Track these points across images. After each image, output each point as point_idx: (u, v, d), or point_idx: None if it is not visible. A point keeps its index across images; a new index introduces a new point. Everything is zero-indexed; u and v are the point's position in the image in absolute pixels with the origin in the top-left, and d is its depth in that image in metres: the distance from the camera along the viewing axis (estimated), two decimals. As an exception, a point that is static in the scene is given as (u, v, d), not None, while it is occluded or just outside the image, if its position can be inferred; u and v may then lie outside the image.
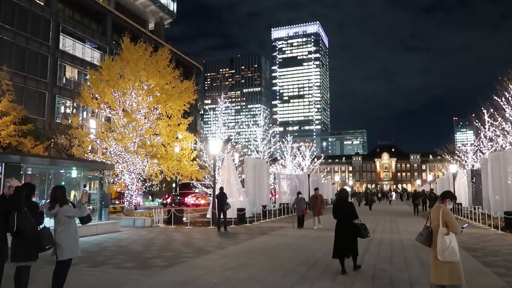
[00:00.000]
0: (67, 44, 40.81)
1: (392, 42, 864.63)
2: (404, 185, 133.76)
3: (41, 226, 5.65)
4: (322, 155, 68.84)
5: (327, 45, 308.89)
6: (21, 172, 12.91)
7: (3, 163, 12.04)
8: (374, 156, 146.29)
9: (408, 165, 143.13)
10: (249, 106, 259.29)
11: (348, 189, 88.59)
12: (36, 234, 5.53)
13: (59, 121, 32.95)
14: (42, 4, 38.53)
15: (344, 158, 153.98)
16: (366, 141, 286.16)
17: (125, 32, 22.94)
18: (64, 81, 40.25)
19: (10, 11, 34.04)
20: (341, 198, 8.33)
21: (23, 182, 12.25)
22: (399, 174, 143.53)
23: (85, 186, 14.98)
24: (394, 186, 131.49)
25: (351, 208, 7.94)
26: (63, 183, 15.17)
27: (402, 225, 18.61)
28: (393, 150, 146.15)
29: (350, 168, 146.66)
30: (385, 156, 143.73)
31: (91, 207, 14.93)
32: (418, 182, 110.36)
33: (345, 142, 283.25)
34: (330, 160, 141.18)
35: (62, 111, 39.46)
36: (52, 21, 38.35)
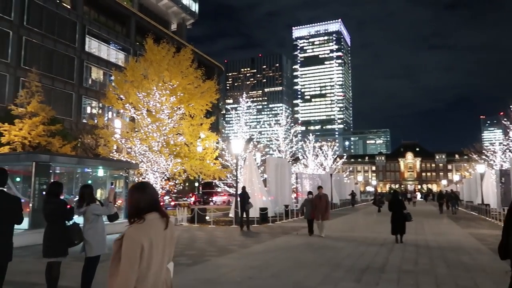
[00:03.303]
0: (93, 46, 41.78)
1: (414, 40, 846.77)
2: (429, 185, 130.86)
3: (70, 222, 5.82)
4: (345, 154, 68.09)
5: (349, 43, 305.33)
6: (50, 171, 13.32)
7: (34, 162, 12.45)
8: (398, 156, 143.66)
9: (433, 165, 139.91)
10: (270, 106, 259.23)
11: (372, 189, 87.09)
12: (65, 231, 5.71)
13: (85, 121, 33.78)
14: (68, 7, 39.58)
15: (367, 158, 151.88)
16: (390, 140, 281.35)
17: (148, 34, 23.32)
18: (90, 82, 41.22)
19: (38, 15, 35.11)
20: (395, 196, 13.34)
21: (51, 180, 12.65)
22: (423, 174, 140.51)
23: (112, 184, 15.32)
24: (419, 186, 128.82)
25: (402, 203, 12.71)
26: (90, 181, 15.56)
27: (427, 226, 18.23)
28: (417, 149, 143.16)
29: (373, 168, 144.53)
30: (409, 155, 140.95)
31: (118, 204, 15.24)
32: (444, 182, 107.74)
33: (368, 142, 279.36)
34: (352, 160, 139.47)
35: (88, 111, 40.42)
36: (78, 23, 39.33)
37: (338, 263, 8.78)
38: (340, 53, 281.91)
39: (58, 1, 38.97)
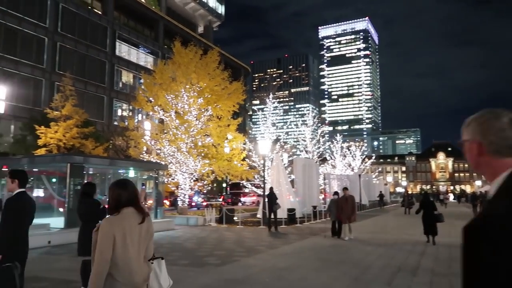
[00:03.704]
0: (123, 50, 42.88)
1: (444, 37, 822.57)
2: (463, 186, 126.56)
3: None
4: (373, 155, 66.88)
5: (376, 41, 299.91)
6: (84, 172, 13.76)
7: (68, 164, 12.90)
8: (429, 156, 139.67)
9: (466, 165, 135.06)
10: (297, 106, 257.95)
11: (402, 190, 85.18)
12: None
13: (116, 124, 34.71)
14: (99, 13, 40.80)
15: (396, 158, 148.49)
16: (420, 140, 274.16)
17: (176, 37, 23.70)
18: (120, 86, 42.33)
19: (71, 21, 36.36)
20: (426, 197, 13.36)
21: (85, 181, 13.07)
22: (456, 174, 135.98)
23: (143, 185, 15.66)
24: (452, 188, 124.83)
25: (433, 204, 12.80)
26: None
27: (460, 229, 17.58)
28: (449, 149, 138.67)
29: (403, 168, 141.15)
30: (441, 155, 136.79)
31: (148, 205, 15.58)
32: (478, 183, 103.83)
33: (397, 142, 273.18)
34: (381, 160, 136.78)
35: (119, 114, 41.49)
36: (109, 28, 40.47)
37: (367, 265, 8.63)
38: (367, 52, 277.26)
39: (89, 7, 40.28)
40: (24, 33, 32.06)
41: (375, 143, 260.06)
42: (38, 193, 16.64)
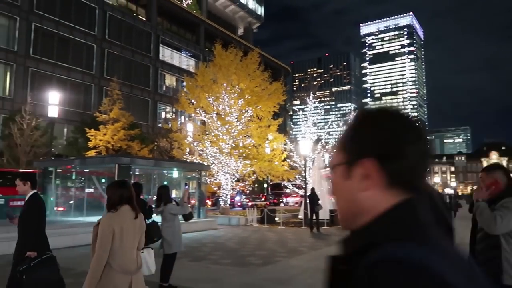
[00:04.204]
0: (166, 54, 44.15)
1: (495, 30, 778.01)
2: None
3: (149, 221, 6.20)
4: (419, 154, 64.30)
5: (421, 37, 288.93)
6: (131, 173, 14.31)
7: (116, 165, 13.46)
8: (480, 155, 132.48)
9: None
10: (338, 105, 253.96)
11: (451, 191, 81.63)
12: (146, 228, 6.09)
13: (160, 126, 35.79)
14: (144, 19, 42.29)
15: (445, 158, 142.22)
16: (470, 139, 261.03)
17: (216, 39, 24.09)
18: (164, 89, 43.61)
19: (117, 28, 37.94)
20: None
21: (132, 181, 13.57)
22: (511, 175, 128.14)
23: (186, 185, 16.04)
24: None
25: None
26: (165, 182, 16.44)
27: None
28: (503, 148, 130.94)
29: (452, 169, 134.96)
30: (494, 155, 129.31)
31: (192, 204, 15.93)
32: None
33: (445, 141, 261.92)
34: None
35: (163, 116, 42.75)
36: (152, 34, 41.82)
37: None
38: (412, 48, 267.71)
39: (134, 14, 41.87)
40: (75, 41, 33.85)
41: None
42: (89, 192, 17.48)
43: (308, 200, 16.87)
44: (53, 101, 16.71)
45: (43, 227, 4.63)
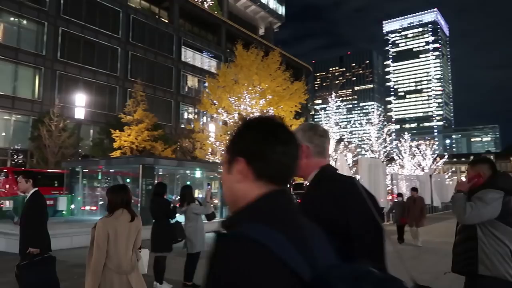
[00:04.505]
0: (188, 55, 44.64)
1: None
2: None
3: (173, 220, 6.28)
4: (446, 154, 62.87)
5: (447, 33, 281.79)
6: (155, 173, 14.53)
7: (141, 165, 13.70)
8: (510, 154, 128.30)
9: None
10: (361, 104, 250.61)
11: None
12: (169, 228, 6.17)
13: (183, 126, 36.21)
14: (166, 21, 42.90)
15: (472, 157, 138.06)
16: (499, 137, 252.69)
17: (237, 40, 24.19)
18: (186, 90, 44.10)
19: (141, 31, 38.62)
20: None
21: (156, 181, 13.78)
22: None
23: (208, 185, 16.16)
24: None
25: None
26: (188, 182, 16.61)
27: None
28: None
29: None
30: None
31: (214, 204, 16.04)
32: None
33: (472, 139, 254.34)
34: (455, 160, 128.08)
35: (185, 117, 43.24)
36: (175, 36, 42.35)
37: (440, 272, 8.12)
38: (437, 45, 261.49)
39: (157, 17, 42.52)
40: (100, 45, 34.66)
41: (447, 141, 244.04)
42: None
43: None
44: (80, 103, 17.15)
45: (45, 225, 4.70)
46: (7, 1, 28.80)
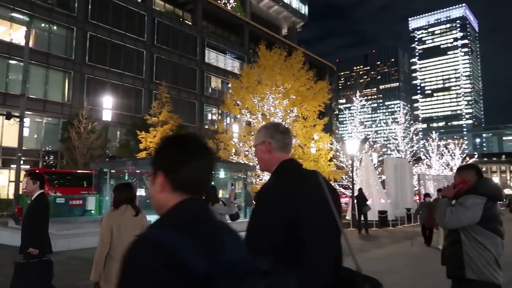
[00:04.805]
0: (211, 57, 45.05)
1: None
2: None
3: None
4: (476, 153, 60.92)
5: (476, 29, 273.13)
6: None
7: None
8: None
9: None
10: (386, 103, 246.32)
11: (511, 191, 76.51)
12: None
13: (207, 127, 36.57)
14: (190, 24, 43.44)
15: (504, 156, 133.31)
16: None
17: (260, 40, 24.18)
18: (210, 91, 44.51)
19: (165, 34, 39.25)
20: None
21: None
22: None
23: (232, 185, 16.25)
24: None
25: None
26: (212, 182, 16.73)
27: None
28: None
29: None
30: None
31: (237, 204, 16.11)
32: None
33: (504, 138, 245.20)
34: (485, 159, 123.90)
35: (209, 118, 43.64)
36: (198, 37, 42.83)
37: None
38: (466, 41, 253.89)
39: (181, 19, 43.11)
40: (127, 48, 35.44)
41: (478, 140, 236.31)
42: (141, 192, 18.21)
43: (355, 201, 16.51)
44: (107, 106, 17.56)
45: (46, 227, 4.74)
46: (39, 8, 29.88)
